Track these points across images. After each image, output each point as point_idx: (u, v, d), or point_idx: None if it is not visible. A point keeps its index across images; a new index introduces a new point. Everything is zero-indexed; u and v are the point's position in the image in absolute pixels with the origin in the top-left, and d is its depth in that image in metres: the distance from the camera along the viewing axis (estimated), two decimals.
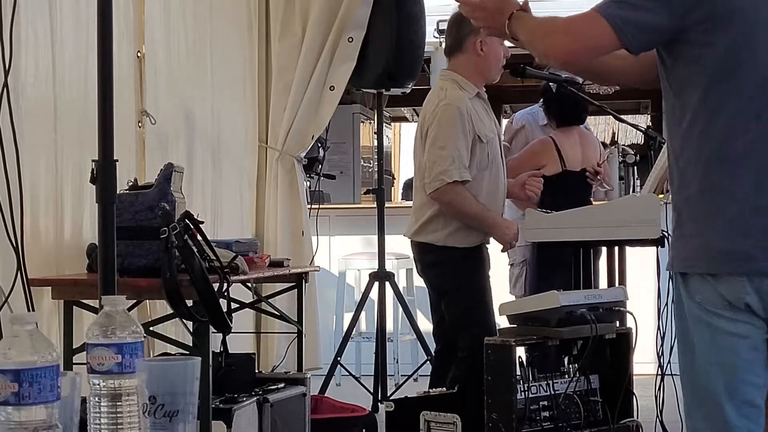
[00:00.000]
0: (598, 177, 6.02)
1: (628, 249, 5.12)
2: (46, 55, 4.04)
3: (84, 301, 3.88)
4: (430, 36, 6.85)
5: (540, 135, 6.36)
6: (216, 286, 3.83)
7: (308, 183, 6.43)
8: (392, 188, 11.75)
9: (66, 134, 4.15)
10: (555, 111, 6.18)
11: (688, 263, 2.71)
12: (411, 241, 5.00)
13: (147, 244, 3.87)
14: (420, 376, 6.47)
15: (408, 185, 10.91)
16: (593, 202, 6.11)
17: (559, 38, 2.75)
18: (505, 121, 11.47)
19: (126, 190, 3.97)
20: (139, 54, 4.81)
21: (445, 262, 4.89)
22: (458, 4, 3.01)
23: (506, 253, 5.30)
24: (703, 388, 2.71)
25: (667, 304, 4.84)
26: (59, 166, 4.13)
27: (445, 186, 4.77)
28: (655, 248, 5.03)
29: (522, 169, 5.49)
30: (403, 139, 14.33)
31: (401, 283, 7.02)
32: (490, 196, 4.90)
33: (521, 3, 2.85)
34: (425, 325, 6.77)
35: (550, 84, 6.00)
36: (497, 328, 4.67)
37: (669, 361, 4.79)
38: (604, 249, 5.31)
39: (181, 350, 4.05)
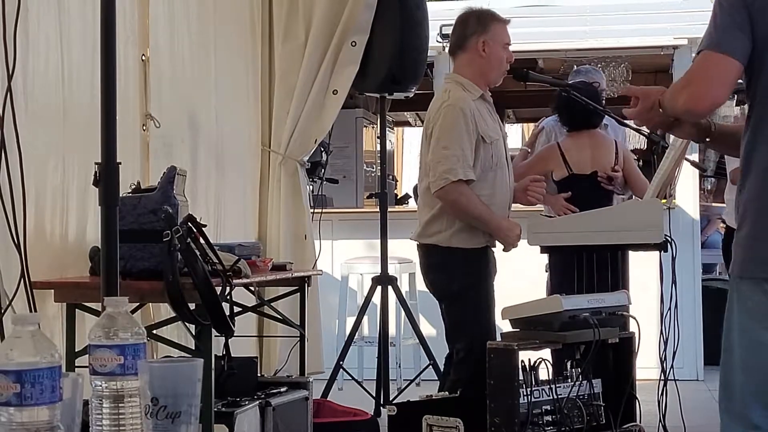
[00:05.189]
0: (613, 182, 5.98)
1: (631, 254, 5.11)
2: (55, 57, 4.04)
3: (87, 304, 3.87)
4: (433, 40, 6.84)
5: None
6: (218, 289, 3.82)
7: (311, 187, 6.42)
8: (394, 192, 11.74)
9: (73, 137, 4.15)
10: (566, 117, 6.20)
11: (744, 266, 2.76)
12: (417, 243, 5.00)
13: (150, 247, 3.86)
14: (422, 380, 6.47)
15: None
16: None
17: (689, 89, 2.80)
18: (508, 126, 11.46)
19: (129, 193, 3.97)
20: (143, 57, 4.81)
21: (449, 264, 4.88)
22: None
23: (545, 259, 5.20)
24: (735, 384, 2.77)
25: (669, 308, 4.84)
26: (65, 168, 4.13)
27: (449, 185, 4.78)
28: (657, 253, 5.02)
29: (530, 175, 5.47)
30: (406, 144, 14.31)
31: (404, 287, 7.01)
32: (495, 198, 4.89)
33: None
34: (428, 329, 6.78)
35: (562, 92, 5.98)
36: (501, 332, 4.66)
37: (672, 366, 4.79)
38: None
39: (183, 353, 4.04)
